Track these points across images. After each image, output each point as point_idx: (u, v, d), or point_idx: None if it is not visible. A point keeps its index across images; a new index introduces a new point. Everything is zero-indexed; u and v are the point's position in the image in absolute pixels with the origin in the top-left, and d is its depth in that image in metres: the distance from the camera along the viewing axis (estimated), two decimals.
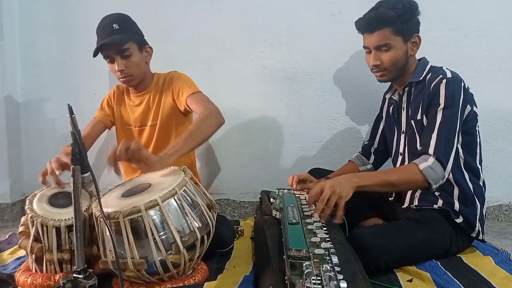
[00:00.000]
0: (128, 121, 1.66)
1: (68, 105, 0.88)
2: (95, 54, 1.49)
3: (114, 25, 1.46)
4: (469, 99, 1.29)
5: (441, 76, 1.28)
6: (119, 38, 1.45)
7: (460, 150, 1.31)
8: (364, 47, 1.41)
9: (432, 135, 1.23)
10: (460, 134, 1.26)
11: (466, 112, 1.28)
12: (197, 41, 1.95)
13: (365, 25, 1.36)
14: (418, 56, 1.41)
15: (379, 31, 1.32)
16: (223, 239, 1.34)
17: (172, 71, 1.63)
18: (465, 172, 1.32)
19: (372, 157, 1.66)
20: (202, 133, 1.35)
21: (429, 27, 1.81)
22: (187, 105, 1.51)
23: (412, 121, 1.36)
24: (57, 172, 1.21)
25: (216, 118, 1.41)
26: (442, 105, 1.24)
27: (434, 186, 1.20)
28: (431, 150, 1.22)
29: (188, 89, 1.51)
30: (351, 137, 1.95)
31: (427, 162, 1.20)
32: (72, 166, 0.90)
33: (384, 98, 1.60)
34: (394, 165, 1.51)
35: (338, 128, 1.95)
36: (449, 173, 1.24)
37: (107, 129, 1.72)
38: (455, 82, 1.26)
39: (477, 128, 1.34)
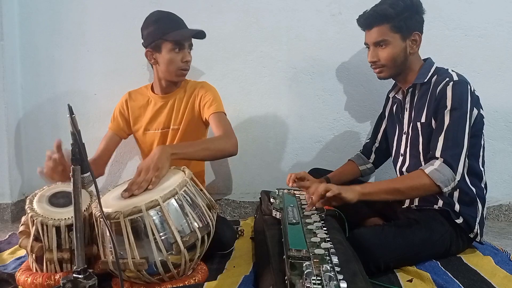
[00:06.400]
0: (148, 126, 1.62)
1: (68, 105, 0.88)
2: (189, 37, 1.55)
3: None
4: (476, 101, 1.28)
5: (447, 79, 1.27)
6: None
7: None
8: (365, 43, 1.42)
9: (440, 138, 1.23)
10: (469, 136, 1.24)
11: (474, 115, 1.27)
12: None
13: (365, 21, 1.38)
14: (420, 56, 1.41)
15: (377, 27, 1.34)
16: (224, 241, 1.34)
17: (203, 81, 1.65)
18: (466, 175, 1.31)
19: (373, 156, 1.66)
20: (213, 149, 1.35)
21: (429, 27, 1.79)
22: (208, 120, 1.53)
23: (418, 123, 1.35)
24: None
25: (234, 147, 1.40)
26: (449, 107, 1.24)
27: (445, 189, 1.18)
28: (438, 153, 1.21)
29: (215, 106, 1.53)
30: (352, 137, 1.95)
31: (433, 166, 1.19)
32: (72, 166, 0.90)
33: (388, 97, 1.59)
34: (395, 165, 1.51)
35: (339, 128, 1.95)
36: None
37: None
38: (462, 84, 1.25)
39: (483, 131, 1.34)
